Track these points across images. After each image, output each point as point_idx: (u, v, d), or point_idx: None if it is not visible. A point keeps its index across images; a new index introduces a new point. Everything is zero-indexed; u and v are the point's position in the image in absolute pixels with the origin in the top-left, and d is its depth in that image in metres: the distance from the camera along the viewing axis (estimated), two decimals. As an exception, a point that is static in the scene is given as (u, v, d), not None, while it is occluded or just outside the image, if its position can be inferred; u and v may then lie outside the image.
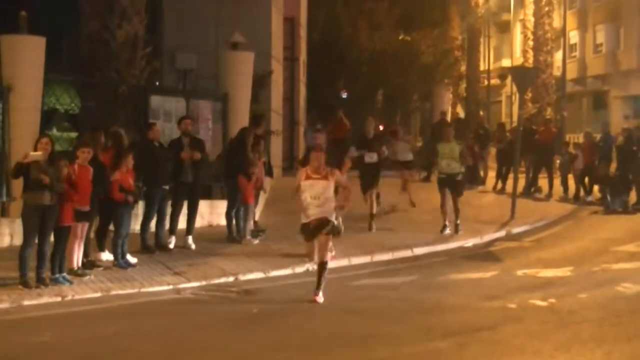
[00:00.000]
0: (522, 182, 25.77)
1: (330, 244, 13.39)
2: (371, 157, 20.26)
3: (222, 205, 18.75)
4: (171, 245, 16.97)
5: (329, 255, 13.27)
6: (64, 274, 13.70)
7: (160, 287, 13.93)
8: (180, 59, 25.68)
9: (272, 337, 10.83)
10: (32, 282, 13.20)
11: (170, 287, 13.98)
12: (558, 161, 28.23)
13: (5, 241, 16.57)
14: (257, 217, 19.11)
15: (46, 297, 12.82)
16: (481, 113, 43.21)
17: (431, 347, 10.21)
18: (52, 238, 13.60)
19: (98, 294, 13.21)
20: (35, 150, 13.45)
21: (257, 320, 11.86)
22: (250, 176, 17.83)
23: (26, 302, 12.53)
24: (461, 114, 48.26)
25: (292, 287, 14.38)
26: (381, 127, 32.45)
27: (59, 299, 12.85)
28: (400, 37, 38.69)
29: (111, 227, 15.60)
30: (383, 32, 36.83)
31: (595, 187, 26.25)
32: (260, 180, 18.37)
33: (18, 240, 15.25)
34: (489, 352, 10.06)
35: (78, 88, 20.12)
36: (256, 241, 17.90)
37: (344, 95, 38.56)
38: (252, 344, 10.43)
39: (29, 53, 17.23)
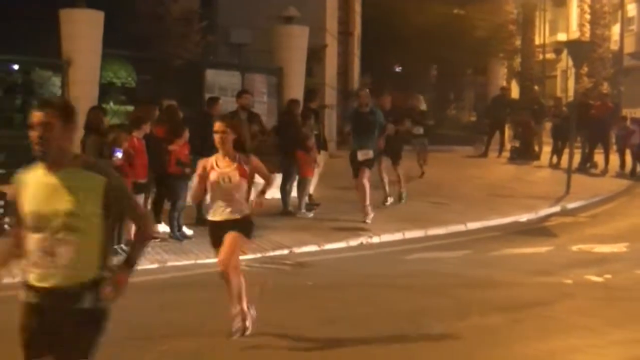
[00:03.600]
0: (577, 158, 25.54)
1: None
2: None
3: (277, 179, 18.77)
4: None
5: None
6: (122, 245, 13.85)
7: (215, 259, 13.97)
8: (234, 33, 25.72)
9: (325, 310, 10.85)
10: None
11: (226, 259, 14.06)
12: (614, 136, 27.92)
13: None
14: (311, 191, 19.15)
15: (104, 268, 12.98)
16: (536, 88, 42.85)
17: (484, 323, 10.19)
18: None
19: (155, 265, 13.37)
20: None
21: (310, 293, 11.91)
22: (309, 149, 17.89)
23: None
24: (514, 89, 47.86)
25: (346, 260, 14.43)
26: None
27: (116, 269, 13.00)
28: (455, 12, 38.39)
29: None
30: (437, 6, 36.61)
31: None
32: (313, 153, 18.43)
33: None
34: (543, 327, 10.01)
35: (134, 62, 20.28)
36: (310, 214, 17.97)
37: (398, 70, 38.41)
38: (305, 317, 10.46)
39: (88, 27, 17.41)
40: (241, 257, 14.09)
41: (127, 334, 9.26)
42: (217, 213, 9.21)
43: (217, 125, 9.11)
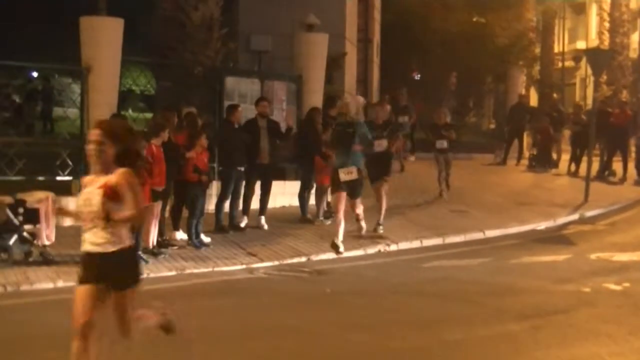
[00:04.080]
0: (595, 165, 25.37)
1: None
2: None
3: (295, 186, 18.76)
4: (242, 224, 17.04)
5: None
6: (140, 252, 13.82)
7: (234, 266, 14.01)
8: (255, 40, 25.71)
9: (344, 317, 10.81)
10: (109, 260, 13.35)
11: (244, 266, 14.05)
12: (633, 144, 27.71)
13: (83, 219, 16.78)
14: (329, 199, 19.08)
15: (122, 275, 12.96)
16: (555, 95, 42.68)
17: (504, 330, 10.12)
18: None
19: (173, 273, 13.34)
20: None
21: (329, 300, 11.86)
22: (327, 157, 17.85)
23: (103, 279, 12.67)
24: (533, 97, 47.70)
25: (364, 268, 14.37)
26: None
27: (135, 276, 12.97)
28: (475, 19, 38.29)
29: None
30: (457, 13, 36.52)
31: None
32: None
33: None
34: (563, 335, 9.94)
35: (154, 69, 20.26)
36: (328, 222, 17.90)
37: (417, 77, 38.31)
38: (324, 324, 10.42)
39: (108, 34, 17.41)
40: (259, 265, 14.13)
41: (146, 340, 9.23)
42: (84, 242, 7.05)
43: (92, 133, 7.00)
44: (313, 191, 18.36)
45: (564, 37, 49.54)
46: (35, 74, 20.42)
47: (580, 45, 53.26)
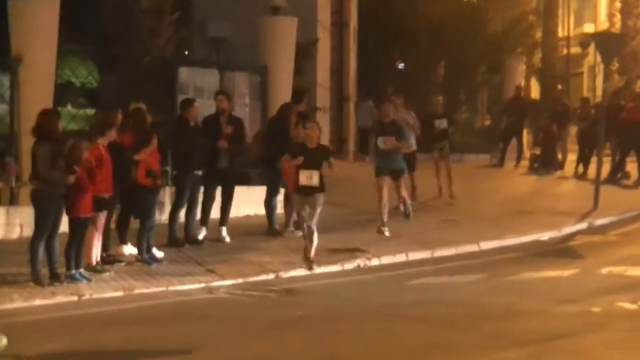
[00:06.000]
0: (606, 167, 25.48)
1: None
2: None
3: (260, 193, 18.72)
4: (200, 237, 17.00)
5: None
6: (81, 270, 13.78)
7: (191, 285, 13.98)
8: (212, 27, 25.67)
9: (318, 345, 10.77)
10: (45, 279, 13.30)
11: (202, 285, 14.02)
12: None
13: (15, 232, 16.72)
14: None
15: (61, 296, 12.91)
16: (559, 87, 42.84)
17: (500, 358, 10.13)
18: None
19: (119, 293, 13.29)
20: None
21: (300, 325, 11.83)
22: (298, 160, 17.82)
23: (38, 302, 12.62)
24: (535, 89, 47.87)
25: (341, 286, 14.38)
26: None
27: (75, 298, 12.94)
28: (466, 1, 38.47)
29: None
30: (446, -6, 36.71)
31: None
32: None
33: (28, 231, 15.39)
34: (568, 363, 9.99)
35: (98, 61, 20.22)
36: (300, 233, 17.89)
37: (400, 67, 38.39)
38: (295, 353, 10.40)
39: (41, 19, 17.32)
40: (220, 283, 14.11)
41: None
42: None
43: None
44: (281, 198, 18.35)
45: (569, 20, 49.76)
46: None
47: (588, 28, 53.36)
